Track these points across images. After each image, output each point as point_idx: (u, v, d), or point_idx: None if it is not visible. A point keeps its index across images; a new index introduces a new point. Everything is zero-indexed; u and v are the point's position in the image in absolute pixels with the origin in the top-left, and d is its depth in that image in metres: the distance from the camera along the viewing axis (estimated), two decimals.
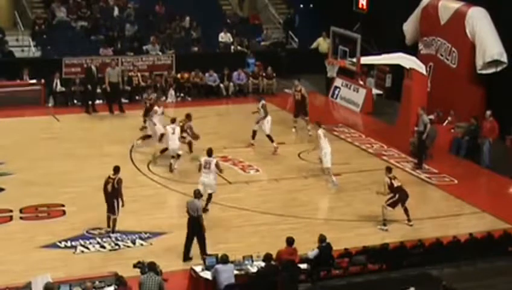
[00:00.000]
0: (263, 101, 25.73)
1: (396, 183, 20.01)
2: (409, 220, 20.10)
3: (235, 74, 32.49)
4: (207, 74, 31.92)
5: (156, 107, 25.00)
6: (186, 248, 17.55)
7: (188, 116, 24.10)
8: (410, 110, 25.78)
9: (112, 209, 18.77)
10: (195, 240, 17.55)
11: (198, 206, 17.57)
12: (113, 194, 18.69)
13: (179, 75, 32.18)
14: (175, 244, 18.35)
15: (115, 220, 18.85)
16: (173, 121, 23.46)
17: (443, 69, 28.15)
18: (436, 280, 16.00)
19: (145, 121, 25.92)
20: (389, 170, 20.45)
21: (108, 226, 18.95)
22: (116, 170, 18.92)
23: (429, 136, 24.69)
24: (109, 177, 18.88)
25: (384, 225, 19.93)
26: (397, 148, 25.92)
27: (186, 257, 17.45)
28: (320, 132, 22.84)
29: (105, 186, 18.82)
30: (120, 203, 18.72)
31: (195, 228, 17.52)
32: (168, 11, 35.49)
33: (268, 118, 25.30)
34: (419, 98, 25.87)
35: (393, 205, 19.99)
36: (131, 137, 25.81)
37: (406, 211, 20.06)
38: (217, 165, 20.19)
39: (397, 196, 19.90)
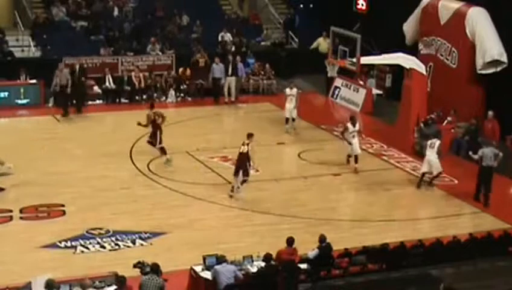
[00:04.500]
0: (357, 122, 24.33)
1: (242, 150, 21.13)
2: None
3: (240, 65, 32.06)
4: (214, 64, 31.55)
5: None
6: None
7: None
8: (410, 111, 25.80)
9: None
10: None
11: (495, 152, 21.33)
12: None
13: (180, 70, 32.15)
14: (175, 244, 18.38)
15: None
16: None
17: (443, 69, 28.14)
18: (436, 280, 15.98)
19: None
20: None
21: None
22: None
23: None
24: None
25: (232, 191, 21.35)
26: (397, 148, 25.91)
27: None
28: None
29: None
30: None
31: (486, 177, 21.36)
32: (168, 11, 35.49)
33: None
34: (419, 98, 25.89)
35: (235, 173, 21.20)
36: (131, 137, 25.83)
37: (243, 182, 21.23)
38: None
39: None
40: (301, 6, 38.41)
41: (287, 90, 27.52)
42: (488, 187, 21.69)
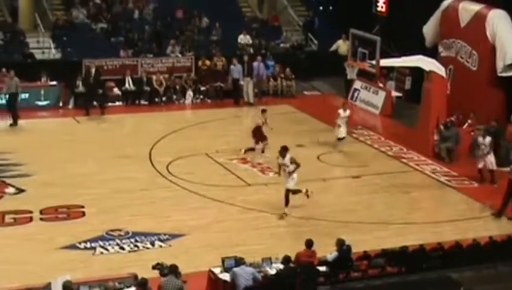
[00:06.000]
0: (289, 155, 20.91)
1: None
2: None
3: (255, 64, 31.87)
4: (232, 66, 31.64)
5: None
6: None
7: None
8: (430, 113, 25.71)
9: None
10: None
11: None
12: None
13: (200, 63, 32.30)
14: (194, 246, 18.40)
15: None
16: None
17: (463, 71, 28.02)
18: (456, 283, 15.92)
19: None
20: None
21: None
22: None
23: (453, 139, 24.79)
24: None
25: None
26: (417, 151, 25.82)
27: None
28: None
29: None
30: None
31: None
32: (188, 13, 35.57)
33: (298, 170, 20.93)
34: (439, 100, 25.80)
35: None
36: (151, 139, 25.93)
37: None
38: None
39: None
40: (321, 8, 38.40)
41: (341, 112, 25.72)
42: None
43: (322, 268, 16.11)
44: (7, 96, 28.08)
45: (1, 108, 28.57)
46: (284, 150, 20.84)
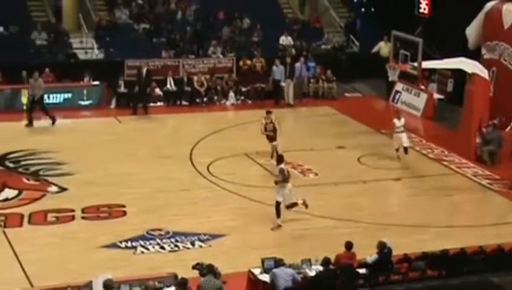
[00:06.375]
0: (282, 165, 20.03)
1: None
2: None
3: (297, 65, 31.94)
4: (274, 67, 31.64)
5: None
6: None
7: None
8: (472, 116, 25.50)
9: None
10: None
11: None
12: None
13: (241, 63, 32.53)
14: (233, 247, 18.44)
15: None
16: None
17: (506, 74, 27.79)
18: (497, 288, 15.78)
19: None
20: None
21: None
22: None
23: (496, 142, 24.56)
24: None
25: None
26: (458, 153, 25.62)
27: None
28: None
29: None
30: None
31: None
32: (229, 14, 35.67)
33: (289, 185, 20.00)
34: (481, 103, 25.58)
35: None
36: (191, 139, 26.04)
37: None
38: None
39: None
40: (362, 9, 38.29)
41: (396, 122, 25.10)
42: None
43: (362, 270, 16.07)
44: (32, 97, 28.08)
45: (54, 107, 28.85)
46: (277, 159, 20.55)
